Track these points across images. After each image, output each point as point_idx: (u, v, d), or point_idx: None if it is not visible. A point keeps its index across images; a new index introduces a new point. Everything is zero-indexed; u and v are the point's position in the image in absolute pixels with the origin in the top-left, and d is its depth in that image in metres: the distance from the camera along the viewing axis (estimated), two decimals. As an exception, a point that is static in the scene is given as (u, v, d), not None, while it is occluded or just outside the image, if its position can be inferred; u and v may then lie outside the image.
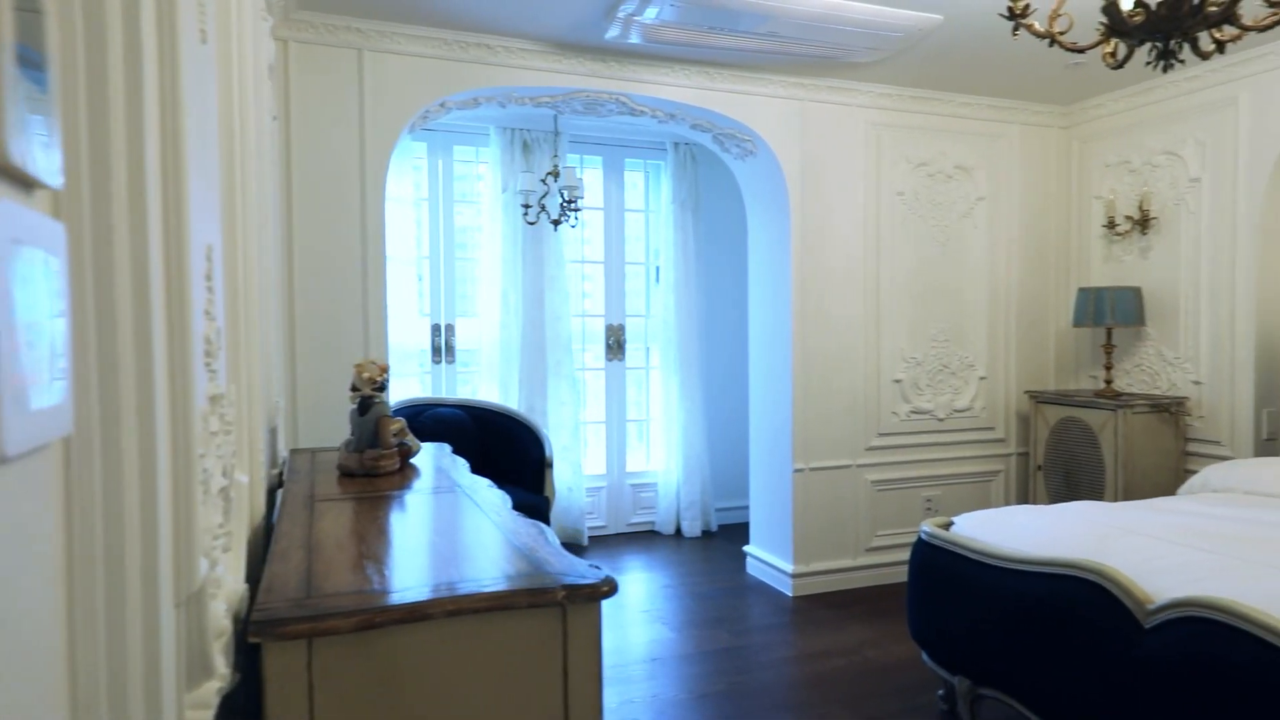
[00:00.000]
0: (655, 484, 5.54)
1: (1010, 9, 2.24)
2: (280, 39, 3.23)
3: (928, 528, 2.80)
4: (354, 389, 2.29)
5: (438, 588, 1.22)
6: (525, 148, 5.02)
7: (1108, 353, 4.24)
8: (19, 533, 0.51)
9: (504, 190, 4.98)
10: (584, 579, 1.25)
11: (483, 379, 5.05)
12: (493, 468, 3.99)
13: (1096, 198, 4.57)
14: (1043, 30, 2.25)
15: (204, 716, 0.90)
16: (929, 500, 4.48)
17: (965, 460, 4.57)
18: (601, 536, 5.39)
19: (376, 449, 2.22)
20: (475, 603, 1.18)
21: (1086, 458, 4.10)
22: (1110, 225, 4.40)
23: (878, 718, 2.87)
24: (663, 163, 5.48)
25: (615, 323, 5.51)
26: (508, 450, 4.25)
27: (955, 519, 2.86)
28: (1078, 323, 4.26)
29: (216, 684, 0.93)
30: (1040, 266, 4.73)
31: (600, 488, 5.45)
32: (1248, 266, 3.80)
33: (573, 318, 5.24)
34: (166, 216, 0.79)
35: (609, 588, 1.25)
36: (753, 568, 4.55)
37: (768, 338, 4.40)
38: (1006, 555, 2.44)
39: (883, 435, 4.39)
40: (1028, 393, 4.54)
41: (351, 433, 2.28)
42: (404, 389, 4.78)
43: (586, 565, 1.33)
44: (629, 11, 3.26)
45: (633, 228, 5.59)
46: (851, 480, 4.32)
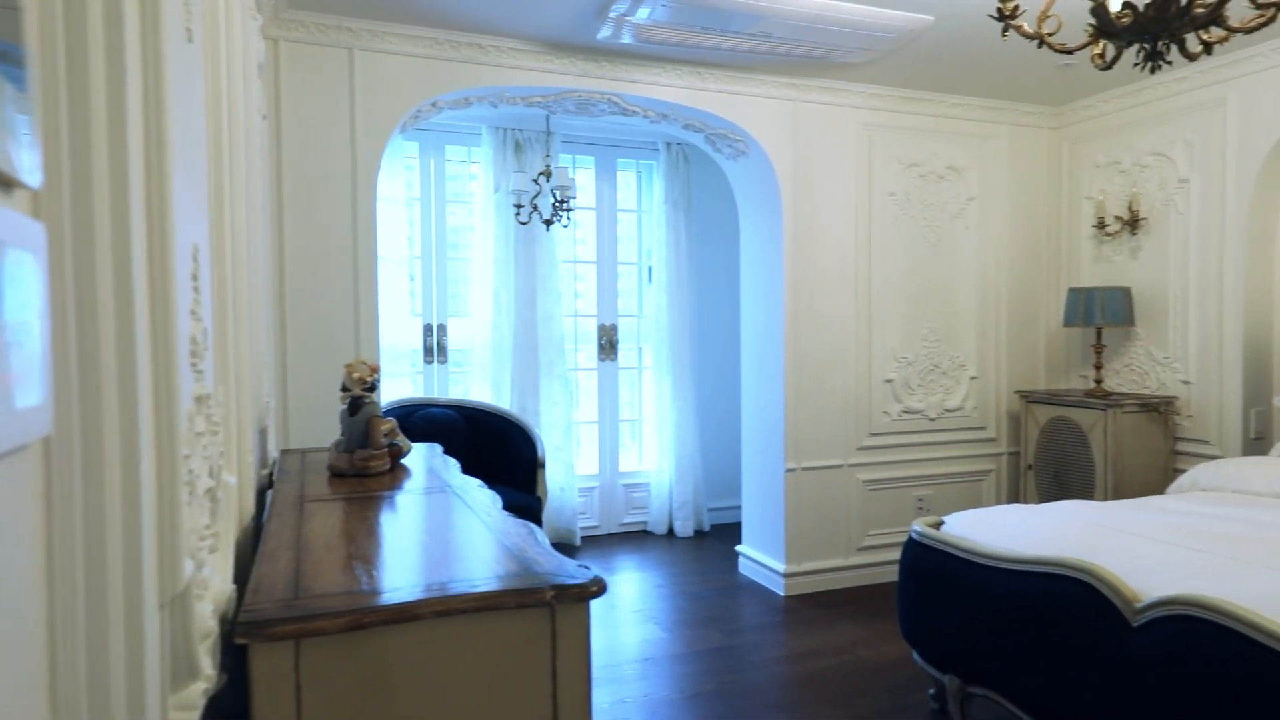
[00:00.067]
0: (648, 484, 5.54)
1: (1000, 10, 2.25)
2: (270, 38, 3.22)
3: (918, 527, 2.81)
4: (344, 389, 2.28)
5: (427, 588, 1.22)
6: (517, 147, 5.02)
7: (1098, 352, 4.26)
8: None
9: (496, 190, 4.97)
10: (573, 579, 1.25)
11: (475, 379, 5.04)
12: (485, 468, 3.98)
13: (1087, 198, 4.60)
14: (1032, 31, 2.26)
15: (189, 717, 0.90)
16: (920, 500, 4.50)
17: (956, 460, 4.59)
18: (594, 537, 5.39)
19: (367, 449, 2.22)
20: (464, 603, 1.18)
21: (1076, 457, 4.11)
22: (1100, 225, 4.42)
23: (869, 716, 2.88)
24: (655, 163, 5.48)
25: (608, 323, 5.51)
26: (500, 450, 4.25)
27: (946, 518, 2.87)
28: (1068, 322, 4.28)
29: (202, 685, 0.93)
30: (1031, 266, 4.74)
31: (593, 488, 5.45)
32: (1236, 267, 3.82)
33: (565, 318, 5.23)
34: (150, 216, 0.79)
35: (598, 588, 1.25)
36: (745, 567, 4.55)
37: (760, 338, 4.41)
38: (996, 554, 2.45)
39: (874, 435, 4.40)
40: (1018, 392, 4.56)
41: (342, 433, 2.27)
42: (396, 389, 4.77)
43: (576, 565, 1.33)
44: (621, 11, 3.26)
45: (625, 228, 5.60)
46: (843, 480, 4.33)
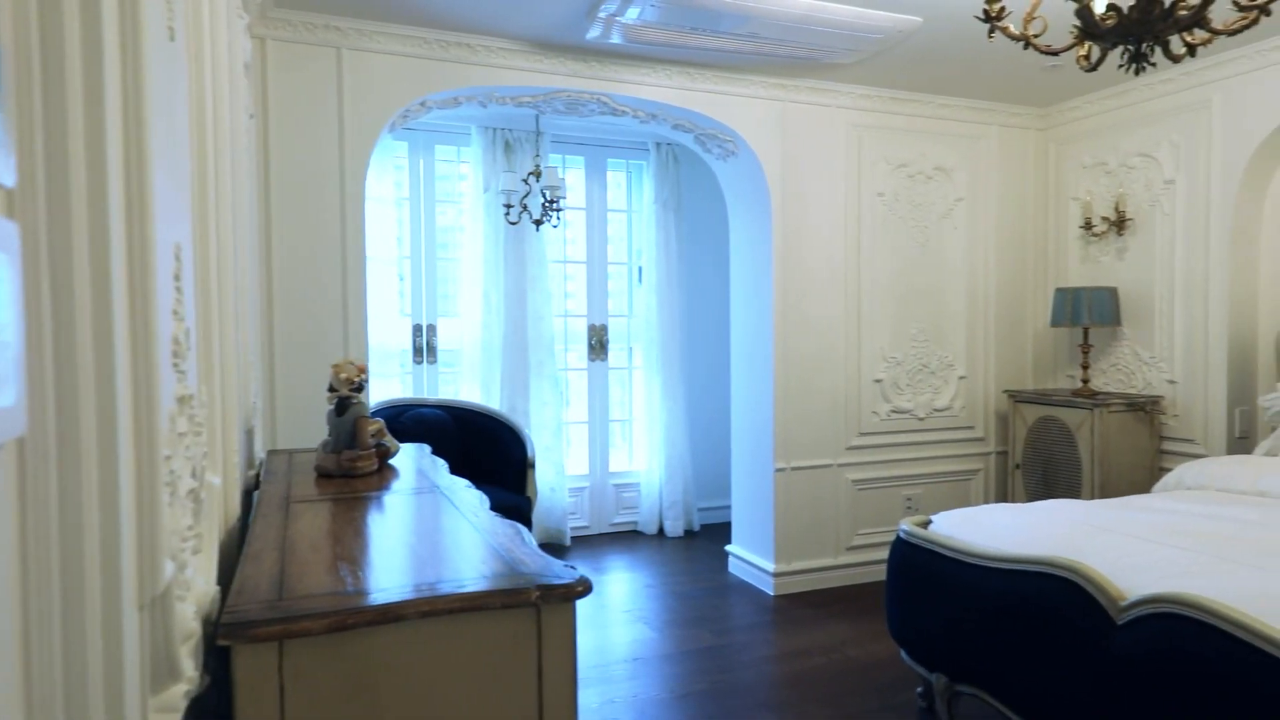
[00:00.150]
0: (638, 484, 5.54)
1: (986, 12, 2.26)
2: (257, 37, 3.20)
3: (906, 526, 2.82)
4: (331, 389, 2.28)
5: (412, 589, 1.22)
6: (507, 147, 5.01)
7: (1084, 352, 4.29)
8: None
9: (486, 190, 4.96)
10: (558, 579, 1.25)
11: (464, 379, 5.03)
12: (474, 468, 3.97)
13: (1073, 199, 4.62)
14: (1017, 33, 2.28)
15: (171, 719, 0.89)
16: (909, 499, 4.51)
17: (945, 459, 4.61)
18: (584, 537, 5.39)
19: (354, 450, 2.21)
20: (449, 603, 1.18)
21: (1064, 456, 4.14)
22: (1087, 226, 4.45)
23: (857, 715, 2.89)
24: (645, 163, 5.48)
25: (598, 323, 5.51)
26: (490, 451, 4.24)
27: (933, 517, 2.88)
28: (1055, 322, 4.30)
29: (184, 687, 0.93)
30: (1019, 267, 4.77)
31: (583, 488, 5.44)
32: (1220, 267, 3.85)
33: (555, 318, 5.23)
34: (130, 216, 0.78)
35: (583, 588, 1.25)
36: (734, 567, 4.56)
37: (749, 338, 4.42)
38: (983, 553, 2.47)
39: (863, 435, 4.41)
40: (1006, 392, 4.58)
41: (329, 434, 2.27)
42: (385, 389, 4.75)
43: (562, 565, 1.33)
44: (610, 12, 3.26)
45: (615, 228, 5.59)
46: (832, 479, 4.34)
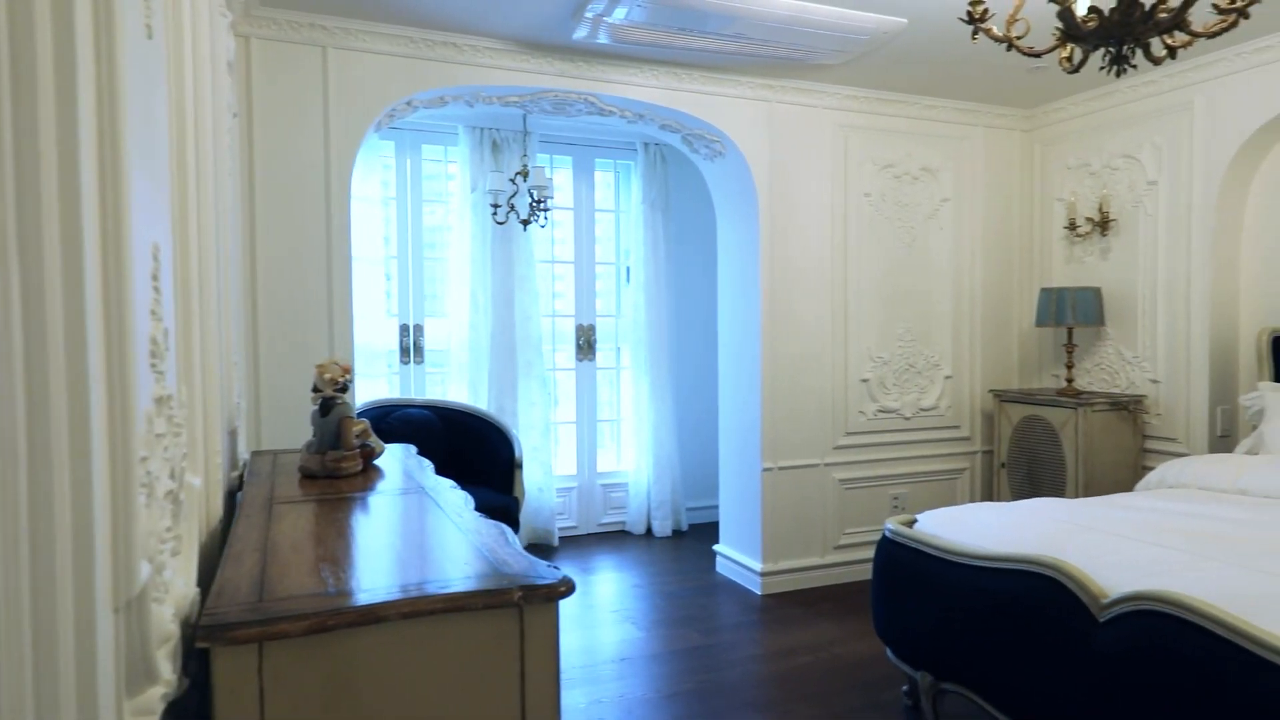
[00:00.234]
0: (626, 484, 5.54)
1: (969, 13, 2.27)
2: (241, 35, 3.18)
3: (891, 525, 2.83)
4: (315, 390, 2.26)
5: (394, 590, 1.21)
6: (494, 147, 5.00)
7: (1069, 352, 4.32)
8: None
9: (473, 190, 4.95)
10: (541, 579, 1.25)
11: (452, 379, 5.02)
12: (462, 469, 3.97)
13: (1058, 199, 4.66)
14: (1001, 35, 2.29)
15: (148, 723, 0.89)
16: (896, 498, 4.53)
17: (931, 458, 4.63)
18: (572, 537, 5.38)
19: (339, 450, 2.20)
20: (431, 604, 1.17)
21: (1048, 455, 4.17)
22: (1071, 227, 4.48)
23: (843, 714, 2.90)
24: (633, 163, 5.48)
25: (586, 323, 5.50)
26: (477, 451, 4.23)
27: (919, 516, 2.90)
28: (1040, 322, 4.33)
29: (161, 690, 0.92)
30: (1004, 267, 4.80)
31: (571, 488, 5.44)
32: (1202, 267, 3.89)
33: (543, 318, 5.22)
34: (104, 215, 0.78)
35: (566, 588, 1.25)
36: (722, 566, 4.57)
37: (737, 338, 4.42)
38: (967, 552, 2.48)
39: (850, 434, 4.43)
40: (992, 391, 4.61)
41: (314, 434, 2.25)
42: (372, 390, 4.73)
43: (546, 565, 1.33)
44: (597, 12, 3.25)
45: (603, 228, 5.59)
46: (819, 479, 4.35)
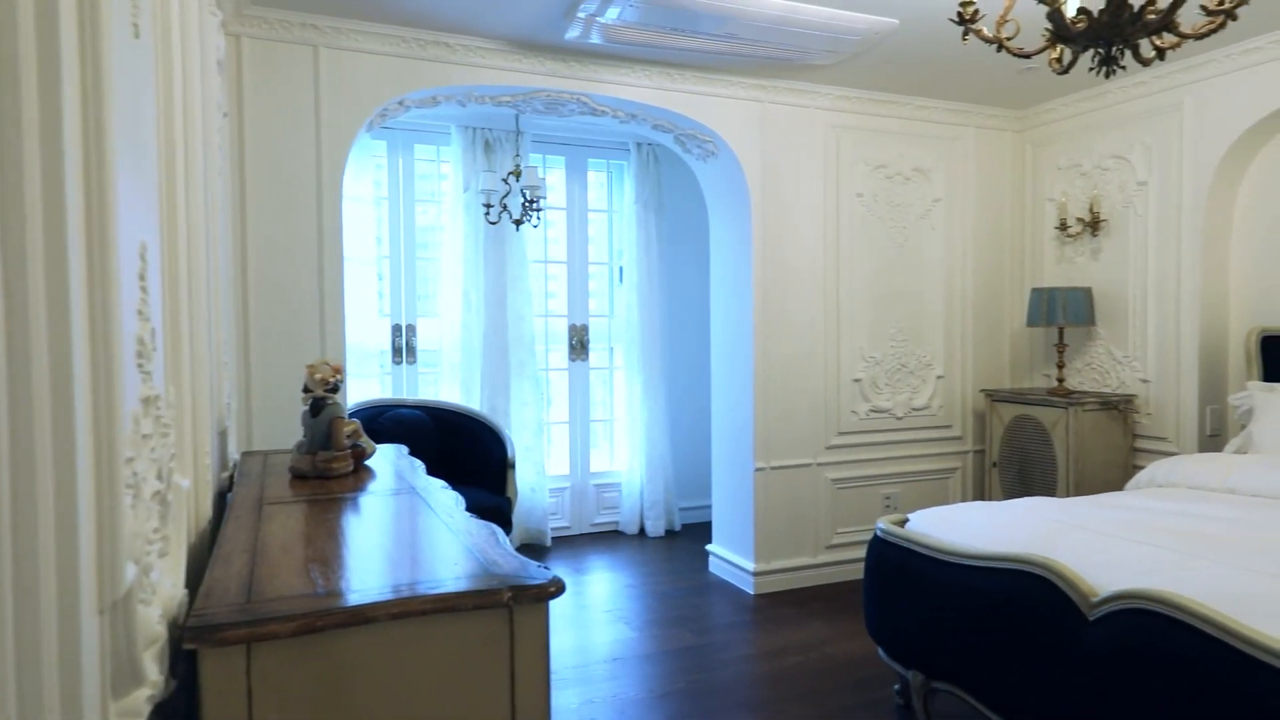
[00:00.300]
0: (619, 484, 5.54)
1: (960, 14, 2.28)
2: (232, 34, 3.17)
3: (883, 525, 2.83)
4: (306, 390, 2.26)
5: (383, 590, 1.21)
6: (487, 147, 4.99)
7: (1060, 352, 4.34)
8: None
9: (466, 189, 4.94)
10: (531, 580, 1.25)
11: (444, 380, 5.01)
12: (454, 469, 3.96)
13: (1049, 200, 4.67)
14: (991, 36, 2.30)
15: (134, 725, 0.88)
16: (888, 498, 4.54)
17: (923, 458, 4.64)
18: (565, 537, 5.38)
19: (329, 451, 2.19)
20: (421, 605, 1.17)
21: (1039, 454, 4.18)
22: (1062, 227, 4.50)
23: (835, 713, 2.90)
24: (625, 163, 5.48)
25: (579, 323, 5.50)
26: (470, 451, 4.23)
27: (910, 516, 2.90)
28: (1031, 322, 4.35)
29: (147, 692, 0.92)
30: (995, 267, 4.82)
31: (564, 488, 5.44)
32: (1192, 268, 3.91)
33: (536, 318, 5.22)
34: (90, 215, 0.77)
35: (556, 588, 1.25)
36: (715, 566, 4.57)
37: (729, 338, 4.43)
38: (958, 551, 2.49)
39: (842, 434, 4.44)
40: (983, 391, 4.63)
41: (304, 435, 2.25)
42: (364, 390, 4.72)
43: (537, 566, 1.33)
44: (590, 12, 3.25)
45: (596, 228, 5.59)
46: (812, 479, 4.36)
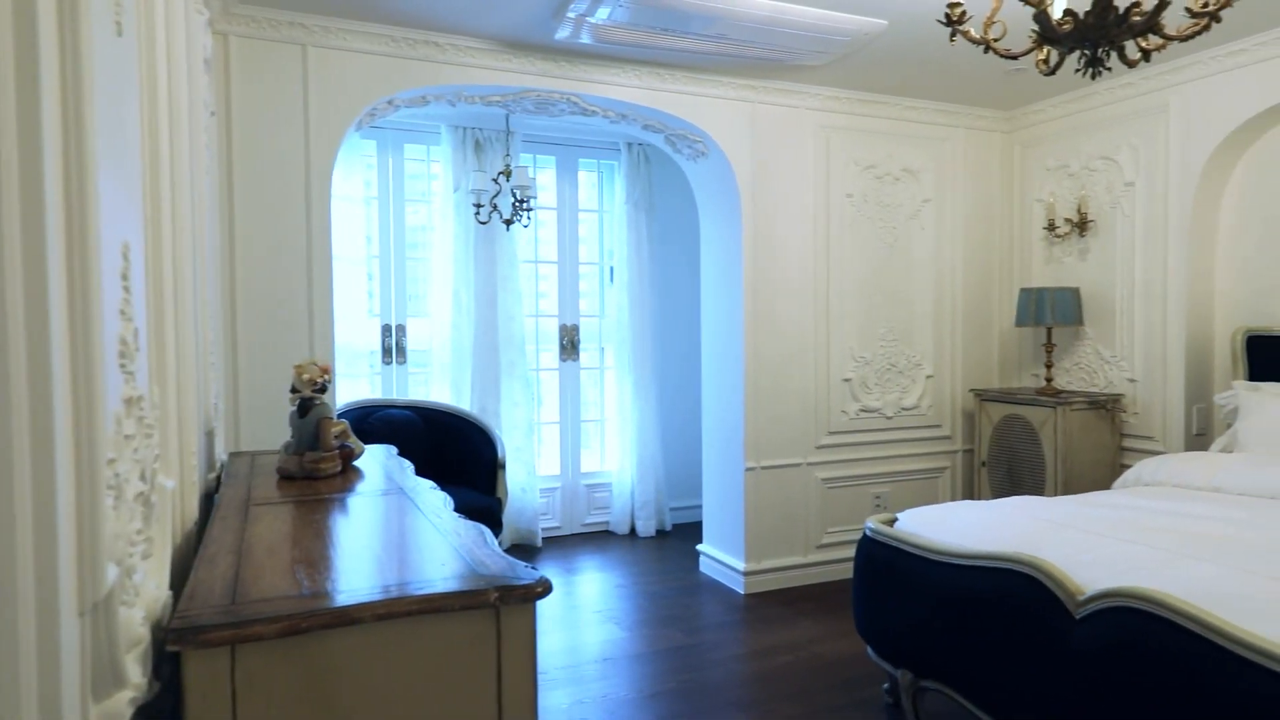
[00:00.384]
0: (610, 484, 5.54)
1: (947, 15, 2.29)
2: (220, 32, 3.15)
3: (872, 524, 2.84)
4: (294, 390, 2.25)
5: (369, 591, 1.21)
6: (477, 146, 4.98)
7: (1048, 351, 4.36)
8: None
9: (456, 189, 4.93)
10: (518, 580, 1.25)
11: (435, 380, 4.99)
12: (445, 470, 3.95)
13: (1037, 200, 4.70)
14: (978, 37, 2.31)
15: (116, 727, 0.88)
16: (878, 497, 4.56)
17: (913, 457, 4.66)
18: (556, 537, 5.38)
19: (317, 451, 2.19)
20: (406, 605, 1.17)
21: (1028, 454, 4.20)
22: (1050, 227, 4.52)
23: (824, 712, 2.91)
24: (616, 163, 5.48)
25: (569, 323, 5.49)
26: (460, 451, 4.22)
27: (899, 515, 2.91)
28: (1020, 322, 4.37)
29: (129, 694, 0.91)
30: (984, 267, 4.84)
31: (554, 488, 5.43)
32: (1178, 268, 3.94)
33: (526, 318, 5.21)
34: (69, 214, 0.77)
35: (543, 588, 1.25)
36: (706, 566, 4.57)
37: (720, 337, 4.43)
38: (946, 550, 2.50)
39: (832, 434, 4.45)
40: (973, 391, 4.64)
41: (292, 435, 2.24)
42: (354, 390, 4.70)
43: (524, 566, 1.33)
44: (580, 12, 3.25)
45: (587, 228, 5.59)
46: (802, 478, 4.37)
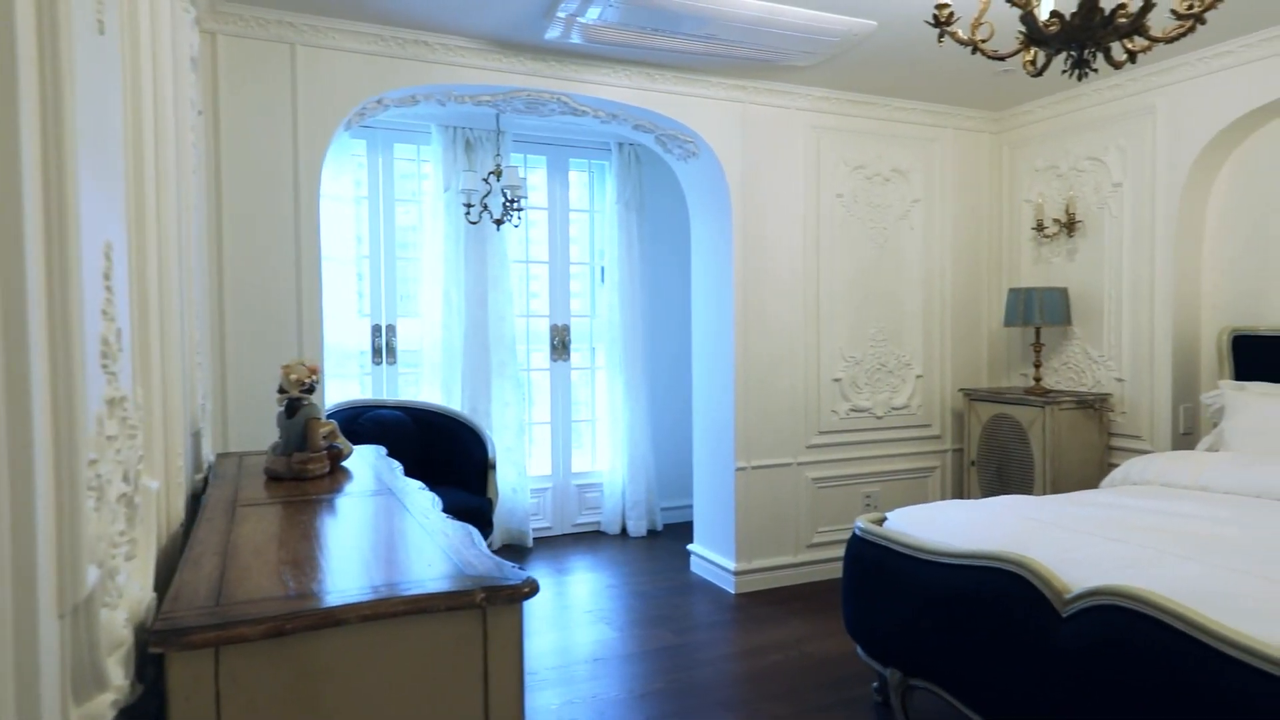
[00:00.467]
0: (601, 484, 5.54)
1: (935, 16, 2.30)
2: (207, 31, 3.14)
3: (861, 523, 2.85)
4: (281, 391, 2.24)
5: (355, 592, 1.20)
6: (468, 146, 4.97)
7: (1037, 351, 4.38)
8: None
9: (446, 189, 4.92)
10: (505, 580, 1.24)
11: (425, 380, 4.98)
12: (435, 470, 3.94)
13: (1026, 201, 4.72)
14: (966, 38, 2.32)
15: (98, 730, 0.87)
16: (868, 497, 4.57)
17: (903, 457, 4.67)
18: (547, 538, 5.37)
19: (305, 452, 2.18)
20: (392, 606, 1.16)
21: (1017, 453, 4.22)
22: (1039, 228, 4.55)
23: (813, 711, 2.92)
24: (607, 163, 5.48)
25: (560, 323, 5.49)
26: (450, 452, 4.20)
27: (888, 514, 2.92)
28: (1008, 322, 4.39)
29: (111, 697, 0.90)
30: (973, 267, 4.86)
31: (545, 489, 5.42)
32: (1165, 268, 3.96)
33: (517, 318, 5.20)
34: (49, 214, 0.76)
35: (530, 589, 1.25)
36: (696, 566, 4.58)
37: (710, 337, 4.44)
38: (934, 549, 2.51)
39: (823, 433, 4.46)
40: (962, 390, 4.66)
41: (280, 436, 2.23)
42: (343, 390, 4.69)
43: (512, 567, 1.32)
44: (570, 11, 3.25)
45: (577, 228, 5.58)
46: (793, 478, 4.38)
